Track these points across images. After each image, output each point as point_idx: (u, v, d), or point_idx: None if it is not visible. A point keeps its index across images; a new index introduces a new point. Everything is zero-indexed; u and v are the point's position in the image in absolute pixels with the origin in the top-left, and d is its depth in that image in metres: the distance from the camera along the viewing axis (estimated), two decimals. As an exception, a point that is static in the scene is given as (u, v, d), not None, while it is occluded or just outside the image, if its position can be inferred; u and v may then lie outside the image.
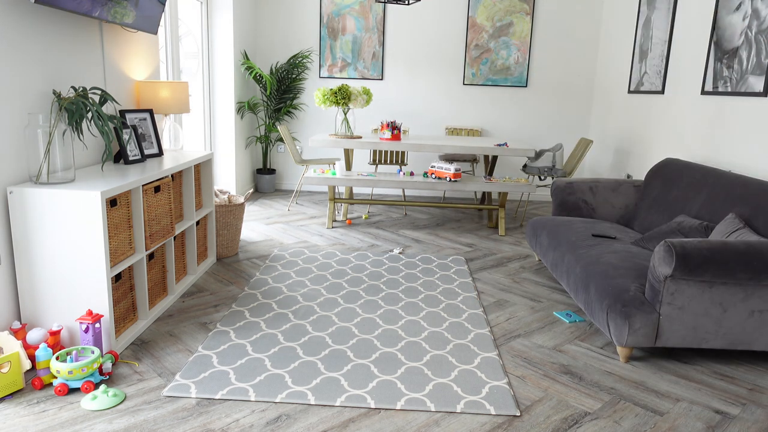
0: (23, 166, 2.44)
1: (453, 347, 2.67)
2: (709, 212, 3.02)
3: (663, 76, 4.41)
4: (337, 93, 4.62)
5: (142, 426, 1.99)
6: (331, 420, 2.07)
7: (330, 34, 6.10)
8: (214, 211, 3.76)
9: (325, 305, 3.12)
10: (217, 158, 5.63)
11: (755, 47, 3.29)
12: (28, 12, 2.42)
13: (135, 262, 2.74)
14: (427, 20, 6.04)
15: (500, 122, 6.24)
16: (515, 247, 4.45)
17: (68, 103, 2.38)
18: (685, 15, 4.15)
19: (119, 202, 2.55)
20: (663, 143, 4.42)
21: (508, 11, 5.96)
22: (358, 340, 2.71)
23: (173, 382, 2.27)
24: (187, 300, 3.16)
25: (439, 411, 2.14)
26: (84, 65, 2.87)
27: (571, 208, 3.94)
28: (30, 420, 2.00)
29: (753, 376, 2.51)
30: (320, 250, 4.12)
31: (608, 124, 5.63)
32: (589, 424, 2.10)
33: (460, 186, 4.66)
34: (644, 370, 2.54)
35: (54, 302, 2.40)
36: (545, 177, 5.19)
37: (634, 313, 2.46)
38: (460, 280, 3.61)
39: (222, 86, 5.47)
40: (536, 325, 2.99)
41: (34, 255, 2.36)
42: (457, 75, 6.14)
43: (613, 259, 2.86)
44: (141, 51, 3.47)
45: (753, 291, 2.43)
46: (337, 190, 6.39)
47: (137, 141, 3.14)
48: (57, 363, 2.15)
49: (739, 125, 3.44)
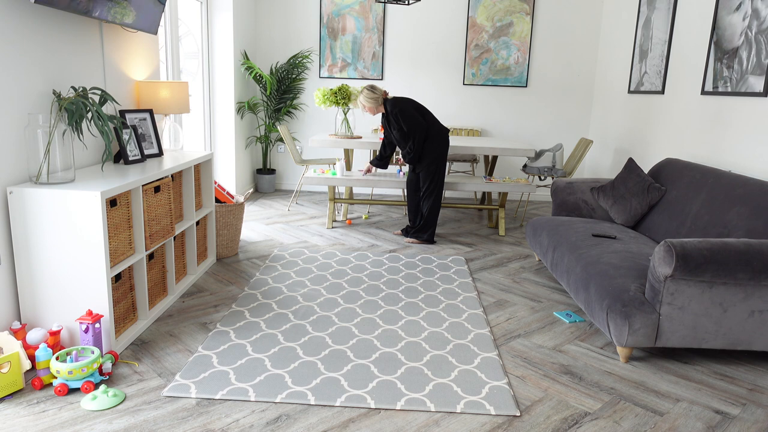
0: (23, 166, 2.44)
1: (453, 347, 2.67)
2: (709, 212, 3.02)
3: (663, 76, 4.41)
4: (337, 93, 4.62)
5: (142, 426, 1.99)
6: (331, 420, 2.07)
7: (330, 34, 6.10)
8: (214, 211, 3.76)
9: (325, 305, 3.12)
10: (217, 158, 5.63)
11: (755, 47, 3.29)
12: (28, 12, 2.42)
13: (135, 263, 2.74)
14: (427, 20, 6.04)
15: (500, 122, 6.24)
16: (515, 247, 4.45)
17: (68, 103, 2.38)
18: (685, 15, 4.15)
19: (119, 202, 2.55)
20: (663, 143, 4.42)
21: (508, 11, 5.96)
22: (358, 340, 2.71)
23: (173, 382, 2.27)
24: (187, 300, 3.16)
25: (439, 411, 2.14)
26: (84, 65, 2.87)
27: (571, 208, 3.94)
28: (30, 420, 2.00)
29: (753, 376, 2.51)
30: (320, 250, 4.12)
31: (608, 124, 5.63)
32: (589, 425, 2.10)
33: (460, 186, 4.66)
34: (644, 370, 2.54)
35: (54, 302, 2.40)
36: (545, 177, 5.19)
37: (634, 313, 2.46)
38: (460, 280, 3.61)
39: (222, 86, 5.47)
40: (536, 325, 2.99)
41: (34, 255, 2.36)
42: (457, 75, 6.14)
43: (613, 259, 2.86)
44: (141, 51, 3.47)
45: (753, 291, 2.43)
46: (337, 190, 6.39)
47: (137, 141, 3.14)
48: (57, 363, 2.15)
49: (739, 125, 3.44)
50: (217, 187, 3.91)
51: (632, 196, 3.61)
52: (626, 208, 3.62)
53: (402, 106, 4.14)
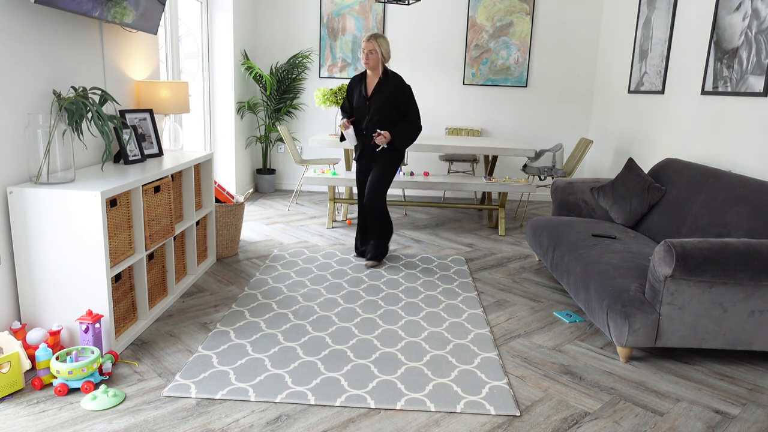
0: (23, 166, 2.44)
1: (453, 347, 2.67)
2: (709, 212, 3.02)
3: (663, 76, 4.40)
4: (337, 93, 4.61)
5: (142, 426, 1.99)
6: (331, 420, 2.07)
7: (330, 34, 6.10)
8: (214, 211, 3.76)
9: (325, 305, 3.12)
10: (217, 158, 5.63)
11: (755, 47, 3.29)
12: (28, 12, 2.42)
13: (135, 262, 2.74)
14: (427, 20, 6.04)
15: (500, 122, 6.23)
16: (515, 247, 4.45)
17: (68, 103, 2.38)
18: (685, 15, 4.15)
19: (119, 202, 2.55)
20: (663, 143, 4.42)
21: (508, 11, 5.96)
22: (358, 340, 2.71)
23: (173, 382, 2.27)
24: (187, 300, 3.16)
25: (439, 411, 2.14)
26: (84, 65, 2.87)
27: (571, 208, 3.94)
28: (30, 420, 2.00)
29: (753, 376, 2.51)
30: (320, 250, 4.12)
31: (608, 124, 5.63)
32: (589, 425, 2.10)
33: (460, 186, 4.66)
34: (644, 370, 2.54)
35: (54, 302, 2.40)
36: (545, 177, 5.19)
37: (634, 313, 2.46)
38: (460, 280, 3.61)
39: (222, 86, 5.47)
40: (536, 325, 2.99)
41: (34, 255, 2.36)
42: (457, 75, 6.14)
43: (613, 259, 2.86)
44: (141, 51, 3.47)
45: (753, 291, 2.43)
46: (337, 190, 6.39)
47: (137, 141, 3.14)
48: (57, 363, 2.15)
49: (739, 125, 3.44)
50: (217, 187, 3.91)
51: (632, 196, 3.61)
52: (626, 208, 3.62)
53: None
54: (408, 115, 3.66)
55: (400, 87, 3.62)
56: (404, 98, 3.63)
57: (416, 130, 3.69)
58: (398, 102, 3.63)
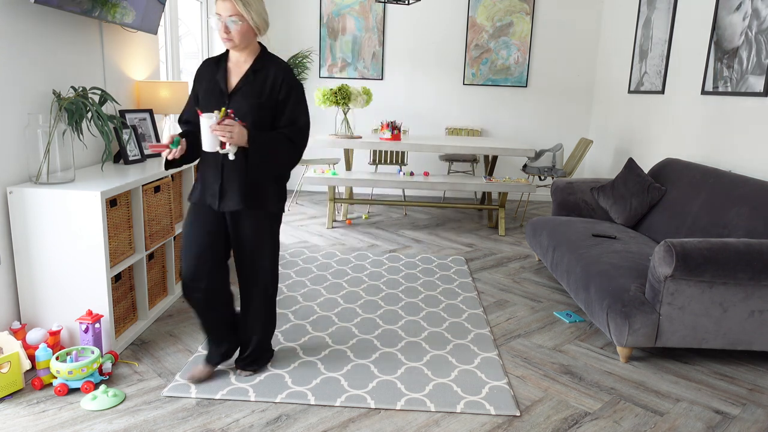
0: (23, 166, 2.44)
1: (453, 347, 2.67)
2: (709, 212, 3.02)
3: (663, 76, 4.40)
4: (337, 93, 4.61)
5: (142, 426, 1.99)
6: (331, 420, 2.07)
7: (330, 34, 6.10)
8: (214, 211, 3.76)
9: (325, 305, 3.12)
10: (217, 158, 5.62)
11: (755, 47, 3.29)
12: (28, 12, 2.42)
13: (135, 262, 2.74)
14: (427, 20, 6.04)
15: (500, 122, 6.23)
16: (515, 247, 4.45)
17: (68, 103, 2.38)
18: (685, 15, 4.15)
19: (119, 202, 2.55)
20: (663, 143, 4.42)
21: (508, 11, 5.96)
22: (358, 340, 2.70)
23: (173, 382, 2.27)
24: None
25: (439, 411, 2.14)
26: (84, 65, 2.87)
27: (571, 208, 3.94)
28: (30, 420, 2.00)
29: (753, 376, 2.51)
30: (320, 250, 4.12)
31: (608, 124, 5.63)
32: (589, 425, 2.10)
33: (460, 186, 4.66)
34: (644, 370, 2.54)
35: (54, 302, 2.40)
36: (545, 177, 5.19)
37: (634, 313, 2.46)
38: (460, 280, 3.61)
39: (222, 86, 5.45)
40: (536, 325, 2.99)
41: (34, 255, 2.36)
42: (457, 75, 6.14)
43: (613, 259, 2.86)
44: (141, 51, 3.47)
45: (753, 291, 2.43)
46: (337, 190, 6.39)
47: (137, 141, 3.14)
48: (57, 363, 2.15)
49: (740, 125, 3.44)
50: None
51: (632, 196, 3.61)
52: (626, 208, 3.62)
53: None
54: (292, 125, 2.17)
55: (285, 81, 2.18)
56: (289, 100, 2.17)
57: (296, 149, 2.15)
58: (277, 104, 2.16)
